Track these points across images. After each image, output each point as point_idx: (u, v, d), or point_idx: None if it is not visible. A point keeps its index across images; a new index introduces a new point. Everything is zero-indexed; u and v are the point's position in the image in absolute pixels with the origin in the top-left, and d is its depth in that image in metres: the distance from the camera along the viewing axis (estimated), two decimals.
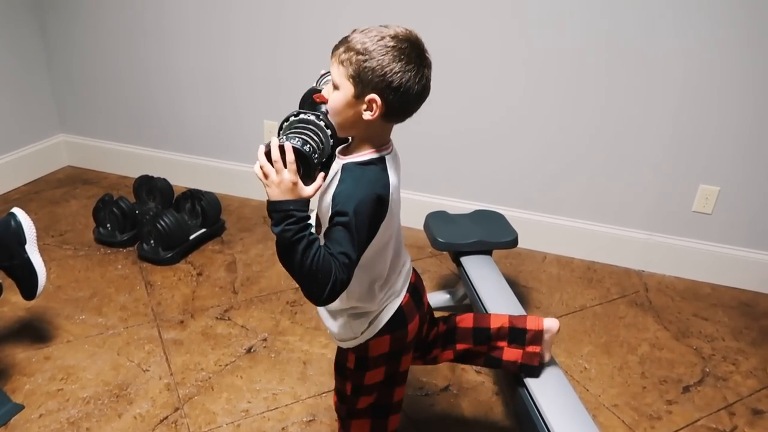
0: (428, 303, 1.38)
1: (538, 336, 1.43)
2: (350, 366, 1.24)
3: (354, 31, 1.04)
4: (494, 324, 1.44)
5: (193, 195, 2.57)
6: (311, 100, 1.12)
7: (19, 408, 1.65)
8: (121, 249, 2.45)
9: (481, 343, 1.43)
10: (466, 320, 1.45)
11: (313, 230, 1.00)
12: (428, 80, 1.05)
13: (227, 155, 2.93)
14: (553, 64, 2.36)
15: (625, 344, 2.06)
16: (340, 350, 1.28)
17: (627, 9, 2.20)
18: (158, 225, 2.33)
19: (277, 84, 2.70)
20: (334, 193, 1.04)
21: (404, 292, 1.22)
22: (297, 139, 0.98)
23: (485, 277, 1.91)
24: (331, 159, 1.06)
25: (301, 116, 1.01)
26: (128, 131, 3.06)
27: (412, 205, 2.65)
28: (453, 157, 2.61)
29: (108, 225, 2.46)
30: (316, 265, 0.95)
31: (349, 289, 1.02)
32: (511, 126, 2.50)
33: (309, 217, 0.98)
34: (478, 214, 2.21)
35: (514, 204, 2.58)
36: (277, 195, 0.96)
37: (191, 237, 2.45)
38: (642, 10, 2.19)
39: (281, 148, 0.95)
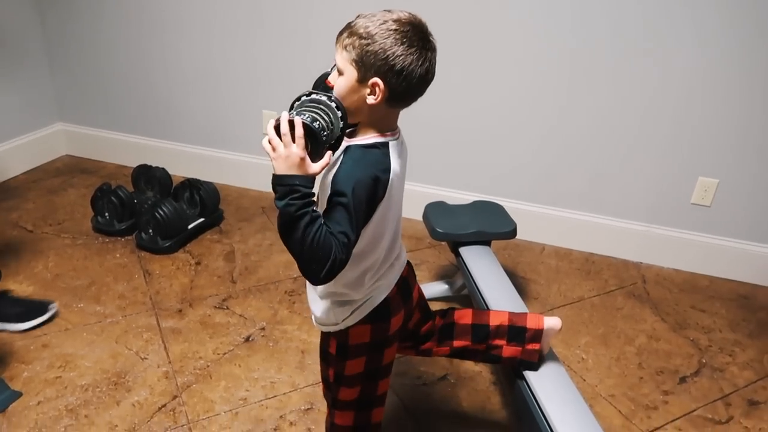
0: (420, 296, 1.37)
1: (538, 334, 1.43)
2: (332, 352, 1.24)
3: (358, 16, 1.04)
4: (493, 321, 1.44)
5: (191, 184, 2.56)
6: (323, 86, 1.13)
7: (18, 395, 1.66)
8: (119, 238, 2.45)
9: (480, 341, 1.43)
10: (465, 316, 1.45)
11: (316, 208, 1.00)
12: (432, 64, 1.04)
13: (226, 145, 2.92)
14: (552, 56, 2.35)
15: (623, 335, 2.07)
16: (323, 336, 1.29)
17: (628, 1, 2.19)
18: (157, 214, 2.33)
19: (277, 74, 2.69)
20: (335, 173, 1.05)
21: (392, 285, 1.22)
22: (307, 115, 0.98)
23: (484, 268, 1.91)
24: (339, 141, 1.06)
25: (313, 96, 1.02)
26: (127, 121, 3.05)
27: (412, 195, 2.64)
28: (452, 148, 2.61)
29: (106, 214, 2.46)
30: (317, 242, 0.95)
31: (340, 274, 1.02)
32: (510, 117, 2.49)
33: (313, 194, 0.98)
34: (477, 204, 2.21)
35: (513, 195, 2.58)
36: (283, 169, 0.96)
37: (190, 226, 2.45)
38: (643, 2, 2.18)
39: (291, 123, 0.96)
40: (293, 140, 0.95)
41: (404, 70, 1.00)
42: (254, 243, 2.48)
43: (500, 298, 1.76)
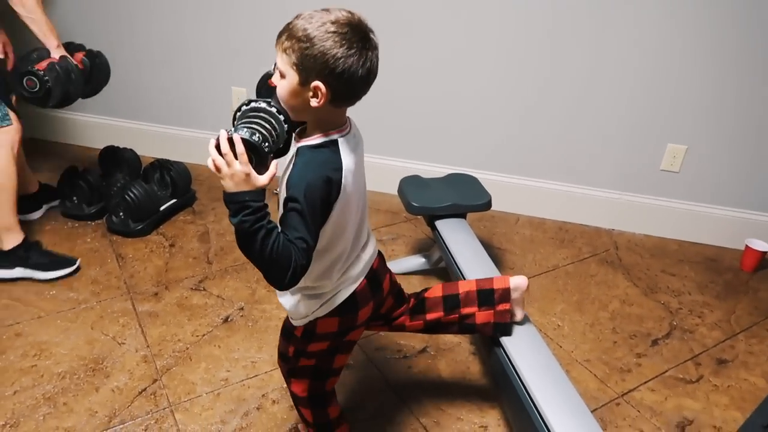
0: (393, 284, 1.37)
1: (506, 293, 1.46)
2: (297, 334, 1.27)
3: (297, 17, 1.02)
4: (462, 289, 1.46)
5: (161, 165, 2.51)
6: (266, 87, 1.13)
7: None
8: (89, 222, 2.40)
9: (451, 310, 1.45)
10: (435, 291, 1.48)
11: (279, 211, 1.01)
12: (373, 63, 1.03)
13: (196, 124, 2.86)
14: (521, 25, 2.34)
15: (597, 301, 2.12)
16: (288, 319, 1.31)
17: None
18: (127, 197, 2.28)
19: (245, 50, 2.63)
20: (287, 177, 1.06)
21: (361, 278, 1.23)
22: (245, 129, 0.98)
23: (460, 241, 1.93)
24: (287, 145, 1.06)
25: (252, 105, 1.02)
26: (91, 101, 2.95)
27: (386, 170, 2.64)
28: (426, 121, 2.60)
29: (74, 198, 2.40)
30: (276, 253, 0.96)
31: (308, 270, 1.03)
32: (483, 91, 2.49)
33: (266, 206, 0.99)
34: (452, 177, 2.21)
35: (488, 167, 2.59)
36: (231, 187, 0.96)
37: (161, 208, 2.41)
38: None
39: (230, 140, 0.95)
40: (235, 157, 0.95)
41: (345, 72, 0.99)
42: (228, 223, 2.43)
43: (477, 269, 1.78)
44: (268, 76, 1.14)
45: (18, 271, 2.04)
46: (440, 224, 2.01)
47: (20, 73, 1.99)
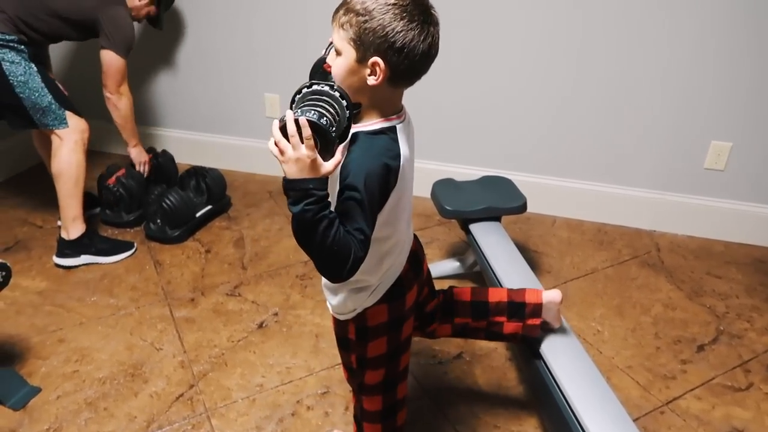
0: (428, 272, 1.35)
1: (537, 309, 1.42)
2: (351, 337, 1.23)
3: None
4: (492, 298, 1.42)
5: (197, 172, 2.55)
6: (322, 71, 1.06)
7: (37, 391, 1.67)
8: (128, 229, 2.45)
9: (480, 317, 1.42)
10: (463, 294, 1.44)
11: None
12: (435, 38, 0.98)
13: (230, 130, 2.90)
14: (557, 22, 2.29)
15: (638, 305, 2.05)
16: (339, 324, 1.27)
17: None
18: (164, 204, 2.32)
19: (277, 56, 2.65)
20: (343, 165, 0.99)
21: (404, 262, 1.20)
22: (313, 112, 0.91)
23: (495, 244, 1.89)
24: (347, 131, 1.00)
25: (314, 87, 0.95)
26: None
27: (419, 173, 2.60)
28: (459, 122, 2.57)
29: (112, 197, 2.45)
30: (337, 244, 0.91)
31: None
32: (516, 89, 2.44)
33: (328, 195, 0.94)
34: (486, 180, 2.18)
35: (522, 168, 2.55)
36: (294, 173, 0.91)
37: (197, 214, 2.44)
38: None
39: (297, 122, 0.89)
40: (301, 141, 0.89)
41: (405, 47, 0.94)
42: (263, 228, 2.48)
43: (512, 273, 1.75)
44: (321, 61, 1.07)
45: (84, 258, 2.21)
46: (474, 228, 1.98)
47: (100, 186, 2.49)
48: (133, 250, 2.29)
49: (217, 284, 2.13)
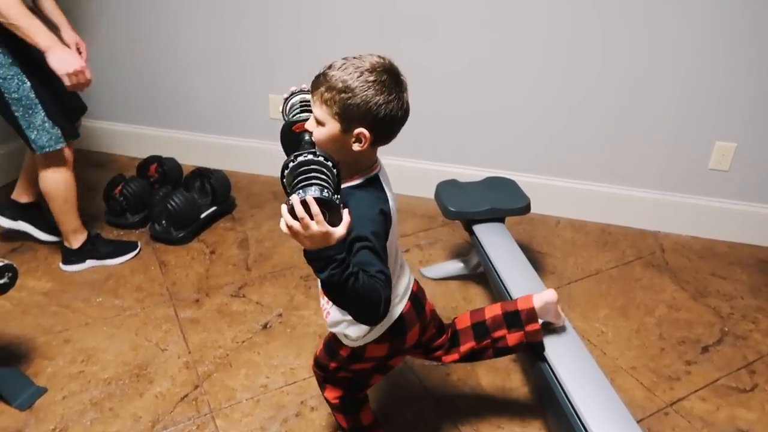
0: (433, 312, 1.39)
1: (532, 313, 1.44)
2: (343, 354, 1.29)
3: (330, 67, 1.05)
4: (488, 315, 1.45)
5: (201, 173, 2.56)
6: (295, 134, 1.13)
7: (43, 391, 1.68)
8: (133, 230, 2.46)
9: (482, 337, 1.44)
10: (463, 320, 1.47)
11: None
12: (406, 103, 1.08)
13: (234, 132, 2.90)
14: (562, 25, 2.29)
15: (642, 306, 2.05)
16: (334, 336, 1.31)
17: None
18: (169, 205, 2.33)
19: (281, 57, 2.65)
20: None
21: (405, 300, 1.25)
22: (314, 188, 0.95)
23: (498, 245, 1.90)
24: (339, 188, 1.05)
25: (300, 159, 0.98)
26: (134, 111, 3.04)
27: (422, 173, 2.62)
28: (463, 124, 2.57)
29: (119, 207, 2.47)
30: (367, 292, 0.98)
31: None
32: (520, 91, 2.44)
33: (348, 254, 0.99)
34: (490, 181, 2.18)
35: (526, 169, 2.55)
36: (311, 246, 0.96)
37: (202, 216, 2.45)
38: None
39: (304, 203, 0.93)
40: (311, 218, 0.93)
41: (387, 116, 1.04)
42: (267, 229, 2.48)
43: (516, 274, 1.75)
44: (290, 124, 1.15)
45: (89, 263, 2.21)
46: (478, 229, 1.98)
47: (106, 196, 2.48)
48: (137, 250, 2.30)
49: (222, 285, 2.14)
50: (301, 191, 0.95)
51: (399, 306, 1.23)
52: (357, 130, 1.04)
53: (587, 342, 1.88)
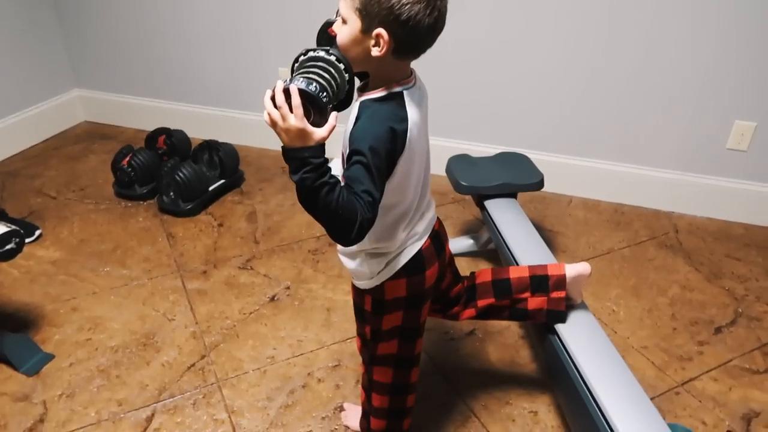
0: (451, 257, 1.34)
1: (561, 281, 1.39)
2: (367, 309, 1.22)
3: None
4: (513, 275, 1.40)
5: (210, 146, 2.53)
6: (327, 35, 1.05)
7: (50, 357, 1.68)
8: (141, 202, 2.45)
9: (503, 295, 1.40)
10: (484, 275, 1.42)
11: (338, 170, 0.95)
12: (442, 12, 0.97)
13: (243, 105, 2.87)
14: (580, 1, 2.23)
15: (655, 286, 2.02)
16: (357, 293, 1.26)
17: None
18: (177, 177, 2.31)
19: (292, 31, 2.61)
20: (351, 131, 1.00)
21: (425, 237, 1.19)
22: (302, 79, 0.91)
23: (510, 221, 1.86)
24: (350, 95, 1.00)
25: (310, 54, 0.95)
26: (143, 84, 3.01)
27: (434, 149, 2.56)
28: (475, 99, 2.52)
29: (127, 178, 2.45)
30: (342, 207, 0.91)
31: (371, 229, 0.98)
32: (535, 67, 2.39)
33: (327, 161, 0.93)
34: (502, 156, 2.14)
35: (539, 147, 2.50)
36: (288, 142, 0.90)
37: (210, 188, 2.43)
38: None
39: (286, 92, 0.89)
40: (291, 110, 0.88)
41: (410, 20, 0.93)
42: (276, 203, 2.46)
43: (528, 251, 1.72)
44: (328, 24, 1.06)
45: None
46: (490, 204, 1.95)
47: (114, 168, 2.46)
48: (36, 235, 2.18)
49: (230, 257, 2.12)
50: (288, 80, 0.91)
51: (419, 243, 1.17)
52: (376, 31, 0.94)
53: (599, 321, 1.84)
